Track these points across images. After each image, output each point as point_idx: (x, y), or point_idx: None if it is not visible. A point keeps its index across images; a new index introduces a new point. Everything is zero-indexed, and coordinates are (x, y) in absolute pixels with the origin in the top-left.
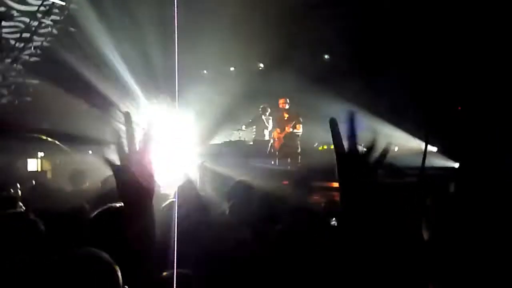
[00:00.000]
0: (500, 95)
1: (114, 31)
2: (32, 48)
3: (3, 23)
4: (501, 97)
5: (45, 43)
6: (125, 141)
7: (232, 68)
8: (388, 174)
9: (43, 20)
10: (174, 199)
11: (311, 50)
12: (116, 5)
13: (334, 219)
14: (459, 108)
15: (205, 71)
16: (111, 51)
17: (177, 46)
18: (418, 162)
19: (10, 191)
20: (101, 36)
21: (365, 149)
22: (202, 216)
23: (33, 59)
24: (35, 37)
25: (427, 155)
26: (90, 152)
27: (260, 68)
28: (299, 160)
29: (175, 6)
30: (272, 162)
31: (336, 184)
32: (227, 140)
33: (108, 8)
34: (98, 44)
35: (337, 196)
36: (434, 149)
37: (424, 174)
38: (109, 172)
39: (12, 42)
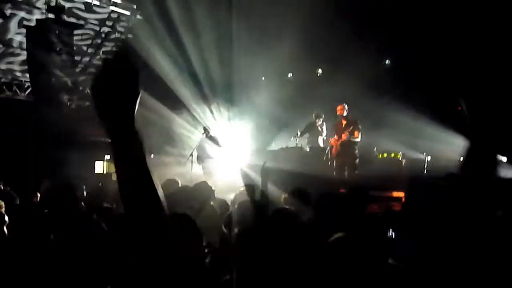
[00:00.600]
0: None
1: (173, 39)
2: (102, 53)
3: (75, 32)
4: None
5: (114, 49)
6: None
7: (290, 74)
8: (451, 184)
9: (112, 28)
10: (231, 207)
11: (372, 55)
12: (176, 14)
13: (391, 230)
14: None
15: (263, 78)
16: (171, 58)
17: (235, 54)
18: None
19: (73, 192)
20: (161, 44)
21: None
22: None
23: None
24: (105, 43)
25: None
26: (152, 156)
27: (319, 74)
28: (357, 168)
29: (232, 13)
30: (329, 171)
31: (394, 194)
32: (284, 146)
33: (169, 17)
34: (158, 51)
35: (394, 206)
36: (504, 159)
37: (491, 185)
38: (168, 175)
39: (84, 48)
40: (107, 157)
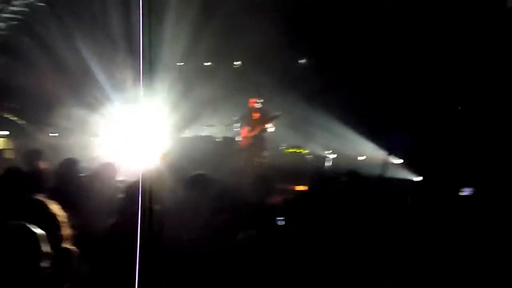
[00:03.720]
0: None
1: (79, 18)
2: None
3: None
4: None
5: (10, 22)
6: None
7: (208, 63)
8: (351, 181)
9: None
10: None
11: (288, 52)
12: None
13: (279, 218)
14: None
15: (182, 63)
16: (76, 38)
17: (141, 34)
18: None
19: None
20: (66, 21)
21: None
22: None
23: None
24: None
25: (392, 167)
26: (56, 134)
27: (236, 66)
28: (265, 161)
29: None
30: (238, 161)
31: (297, 187)
32: (197, 134)
33: None
34: (63, 29)
35: (292, 199)
36: (400, 161)
37: (385, 183)
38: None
39: None
40: (5, 132)
